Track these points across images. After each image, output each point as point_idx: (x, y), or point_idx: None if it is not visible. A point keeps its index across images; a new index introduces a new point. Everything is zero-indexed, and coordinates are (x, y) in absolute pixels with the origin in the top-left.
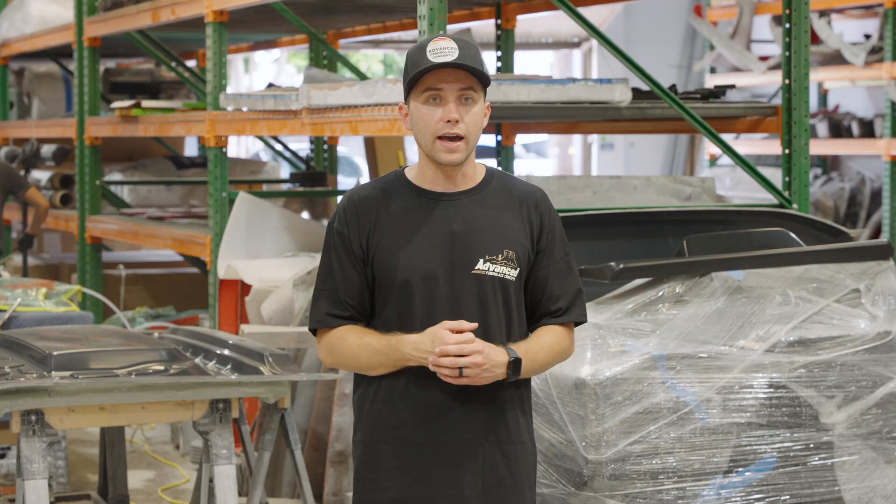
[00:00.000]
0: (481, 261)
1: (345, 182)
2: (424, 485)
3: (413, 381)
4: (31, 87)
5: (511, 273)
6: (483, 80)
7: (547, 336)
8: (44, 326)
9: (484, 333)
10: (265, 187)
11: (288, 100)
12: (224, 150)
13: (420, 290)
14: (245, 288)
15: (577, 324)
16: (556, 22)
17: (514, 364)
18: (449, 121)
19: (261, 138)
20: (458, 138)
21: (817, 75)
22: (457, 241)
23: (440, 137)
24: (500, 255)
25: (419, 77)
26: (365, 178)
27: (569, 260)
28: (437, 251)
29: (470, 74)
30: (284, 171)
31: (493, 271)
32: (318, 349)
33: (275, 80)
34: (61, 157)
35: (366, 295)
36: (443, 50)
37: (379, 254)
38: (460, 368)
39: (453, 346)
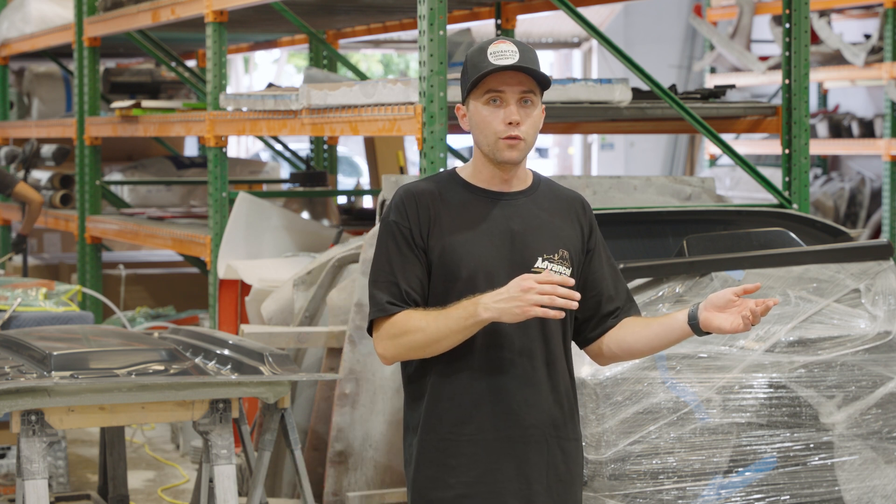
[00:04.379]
0: (540, 259)
1: (345, 182)
2: (493, 480)
3: (478, 376)
4: (31, 87)
5: (566, 272)
6: (542, 83)
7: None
8: (44, 326)
9: (542, 330)
10: (265, 187)
11: (288, 100)
12: (224, 150)
13: (483, 287)
14: (245, 288)
15: None
16: (556, 22)
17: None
18: (510, 123)
19: (261, 138)
20: (520, 138)
21: (817, 75)
22: (516, 240)
23: (502, 138)
24: (556, 255)
25: (481, 79)
26: (365, 178)
27: (612, 261)
28: (497, 249)
29: (530, 77)
30: (284, 171)
31: (551, 269)
32: (376, 343)
33: (275, 80)
34: (61, 157)
35: (426, 287)
36: (504, 52)
37: (440, 248)
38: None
39: (557, 278)
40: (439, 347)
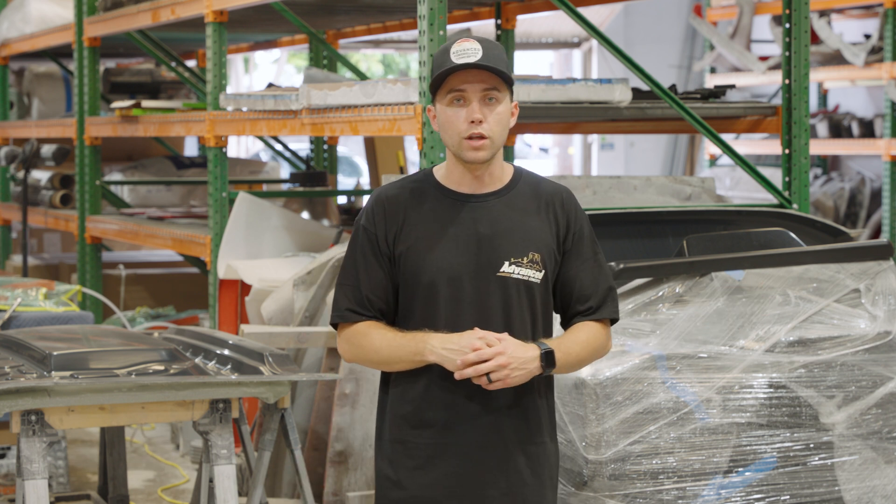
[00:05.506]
0: (506, 263)
1: (345, 182)
2: (448, 485)
3: (438, 381)
4: (31, 87)
5: (536, 276)
6: (506, 80)
7: (582, 332)
8: (44, 326)
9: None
10: (265, 187)
11: (288, 100)
12: (224, 150)
13: (445, 292)
14: (245, 288)
15: (612, 321)
16: (556, 22)
17: (547, 356)
18: (473, 121)
19: (261, 138)
20: (483, 137)
21: (817, 75)
22: (483, 244)
23: (466, 137)
24: (525, 258)
25: (443, 79)
26: (365, 178)
27: (598, 258)
28: (462, 253)
29: (493, 74)
30: (284, 171)
31: (519, 274)
32: (338, 342)
33: (275, 80)
34: (61, 157)
35: (390, 293)
36: (466, 51)
37: (406, 254)
38: (487, 375)
39: (472, 356)
40: (392, 369)
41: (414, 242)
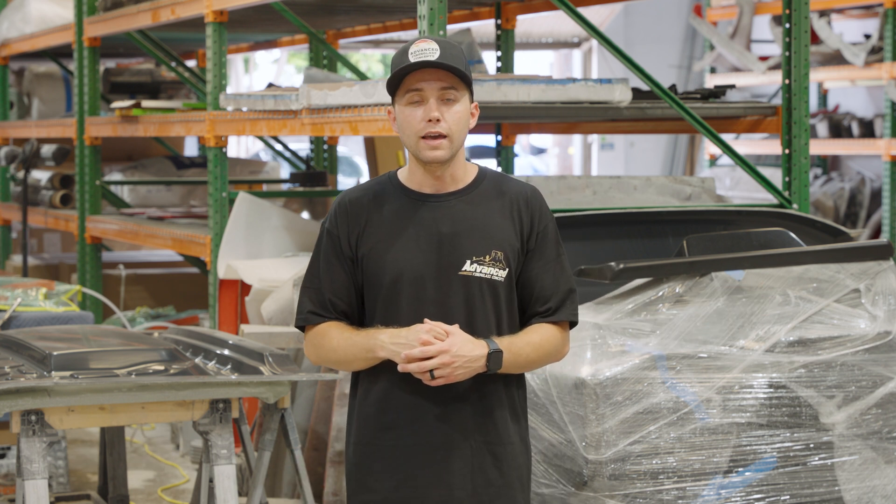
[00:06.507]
0: (468, 262)
1: (345, 182)
2: (413, 486)
3: (402, 382)
4: (31, 87)
5: (499, 274)
6: (464, 79)
7: (535, 333)
8: (44, 326)
9: (471, 335)
10: (265, 187)
11: (288, 100)
12: (224, 150)
13: (407, 292)
14: (245, 288)
15: (571, 324)
16: (556, 22)
17: (494, 356)
18: (430, 120)
19: (261, 138)
20: (441, 136)
21: (817, 75)
22: (444, 243)
23: (423, 137)
24: (487, 256)
25: (399, 79)
26: (365, 179)
27: (561, 259)
28: (424, 253)
29: (450, 73)
30: (284, 171)
31: (481, 272)
32: (304, 346)
33: (275, 80)
34: (61, 157)
35: (353, 295)
36: (423, 51)
37: (367, 256)
38: (430, 371)
39: (416, 352)
40: (352, 367)
41: (375, 244)
